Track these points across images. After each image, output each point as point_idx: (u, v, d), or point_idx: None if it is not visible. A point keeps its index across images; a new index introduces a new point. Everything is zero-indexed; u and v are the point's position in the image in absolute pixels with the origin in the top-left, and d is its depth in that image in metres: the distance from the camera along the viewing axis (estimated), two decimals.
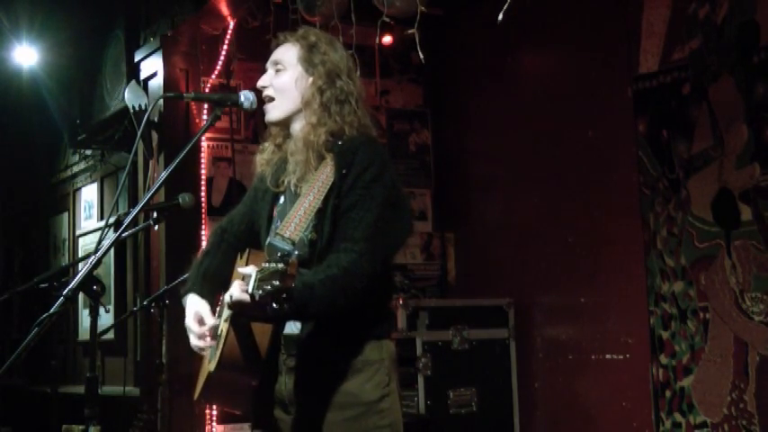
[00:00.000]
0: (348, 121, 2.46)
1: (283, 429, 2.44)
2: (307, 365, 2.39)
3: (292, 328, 2.41)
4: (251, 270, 2.10)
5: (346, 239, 2.30)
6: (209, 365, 2.38)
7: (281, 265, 2.02)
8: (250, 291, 2.07)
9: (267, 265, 2.05)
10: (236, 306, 2.19)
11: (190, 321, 2.44)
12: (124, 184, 5.95)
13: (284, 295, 2.04)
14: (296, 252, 2.13)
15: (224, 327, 2.37)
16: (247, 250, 2.46)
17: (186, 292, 2.55)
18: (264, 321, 2.33)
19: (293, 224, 2.34)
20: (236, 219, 2.68)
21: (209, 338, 2.41)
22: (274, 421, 2.45)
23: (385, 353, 2.42)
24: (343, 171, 2.36)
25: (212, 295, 2.55)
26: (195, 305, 2.48)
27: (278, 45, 2.57)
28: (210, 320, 2.41)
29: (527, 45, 5.36)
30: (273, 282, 2.01)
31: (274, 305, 2.07)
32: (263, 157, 2.59)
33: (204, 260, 2.62)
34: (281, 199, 2.53)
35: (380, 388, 2.38)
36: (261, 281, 2.04)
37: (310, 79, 2.48)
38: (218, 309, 2.54)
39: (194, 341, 2.44)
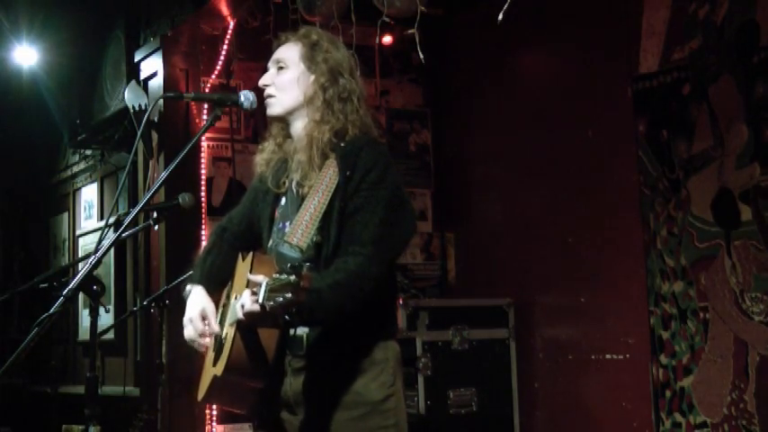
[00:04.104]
0: (351, 119, 2.45)
1: (289, 430, 2.43)
2: (313, 366, 2.38)
3: (299, 329, 2.40)
4: (261, 279, 2.10)
5: (353, 242, 2.30)
6: (215, 369, 2.36)
7: (293, 278, 2.02)
8: (261, 301, 2.08)
9: (278, 275, 2.05)
10: (247, 316, 2.19)
11: (195, 315, 2.43)
12: (124, 184, 5.95)
13: (295, 308, 2.05)
14: (307, 263, 2.13)
15: (229, 330, 2.36)
16: (251, 253, 2.44)
17: (192, 284, 2.53)
18: (272, 328, 2.33)
19: (300, 230, 2.32)
20: (236, 218, 2.67)
21: (207, 339, 2.41)
22: (280, 422, 2.45)
23: (390, 353, 2.42)
24: (348, 173, 2.35)
25: (215, 293, 2.55)
26: (202, 302, 2.46)
27: (280, 45, 2.56)
28: (215, 326, 2.41)
29: (527, 45, 5.36)
30: (286, 294, 2.01)
31: (286, 317, 2.06)
32: (263, 157, 2.58)
33: (208, 257, 2.61)
34: (283, 200, 2.52)
35: (385, 388, 2.39)
36: (272, 291, 2.04)
37: (312, 77, 2.47)
38: (218, 312, 2.54)
39: (191, 334, 2.43)
